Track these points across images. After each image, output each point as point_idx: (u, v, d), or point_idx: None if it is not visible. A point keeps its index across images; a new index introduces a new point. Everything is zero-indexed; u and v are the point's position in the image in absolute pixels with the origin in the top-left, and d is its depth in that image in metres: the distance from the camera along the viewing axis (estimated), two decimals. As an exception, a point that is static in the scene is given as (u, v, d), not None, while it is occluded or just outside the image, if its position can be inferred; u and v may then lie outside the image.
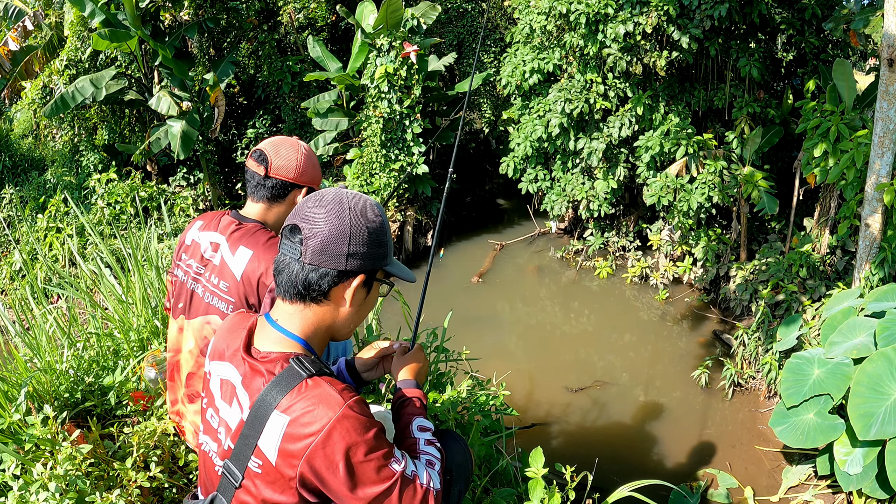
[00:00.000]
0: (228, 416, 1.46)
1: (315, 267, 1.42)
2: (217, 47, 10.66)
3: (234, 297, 2.04)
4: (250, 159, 2.13)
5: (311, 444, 1.30)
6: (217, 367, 1.53)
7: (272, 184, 2.11)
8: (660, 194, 7.23)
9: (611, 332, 7.51)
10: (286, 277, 1.44)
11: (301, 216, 1.44)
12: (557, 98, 7.97)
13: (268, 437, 1.35)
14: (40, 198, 9.58)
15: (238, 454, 1.41)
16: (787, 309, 6.12)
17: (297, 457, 1.31)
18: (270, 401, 1.35)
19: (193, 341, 2.18)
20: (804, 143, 5.92)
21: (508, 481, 2.59)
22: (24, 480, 1.92)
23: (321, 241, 1.41)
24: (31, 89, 10.34)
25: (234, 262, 2.05)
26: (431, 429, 1.61)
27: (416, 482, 1.39)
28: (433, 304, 8.82)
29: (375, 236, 1.46)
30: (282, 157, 2.10)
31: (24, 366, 2.62)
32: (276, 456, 1.34)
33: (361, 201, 1.47)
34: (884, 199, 5.05)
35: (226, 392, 1.48)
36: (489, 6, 10.95)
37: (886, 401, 3.95)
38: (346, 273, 1.44)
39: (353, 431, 1.31)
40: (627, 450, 5.41)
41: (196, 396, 2.20)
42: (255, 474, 1.38)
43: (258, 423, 1.36)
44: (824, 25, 7.07)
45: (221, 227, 2.15)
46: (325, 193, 1.47)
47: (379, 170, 8.76)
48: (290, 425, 1.32)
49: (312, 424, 1.30)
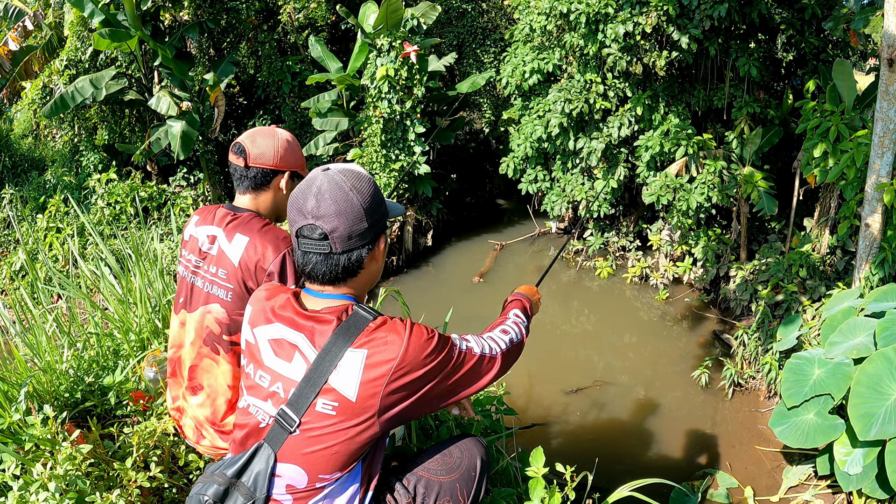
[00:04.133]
0: (288, 370, 1.54)
1: (348, 252, 1.56)
2: (217, 47, 10.66)
3: (233, 284, 2.10)
4: (231, 153, 2.21)
5: (392, 366, 1.47)
6: (263, 330, 1.61)
7: (254, 173, 2.19)
8: (659, 193, 7.23)
9: (611, 332, 7.51)
10: (322, 270, 1.57)
11: (312, 214, 1.53)
12: (557, 98, 7.97)
13: (345, 373, 1.47)
14: (40, 198, 9.58)
15: (299, 399, 1.50)
16: (787, 309, 6.12)
17: (379, 383, 1.47)
18: (342, 343, 1.49)
19: (194, 333, 2.19)
20: (804, 143, 5.92)
21: (508, 481, 2.59)
22: (24, 480, 1.92)
23: (345, 229, 1.53)
24: (31, 89, 10.35)
25: (231, 250, 2.11)
26: (524, 318, 1.95)
27: (470, 353, 1.64)
28: (433, 304, 8.87)
29: (377, 200, 1.60)
30: (258, 147, 2.17)
31: (24, 366, 2.62)
32: (358, 389, 1.47)
33: (353, 176, 1.57)
34: (884, 199, 5.05)
35: (281, 349, 1.57)
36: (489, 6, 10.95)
37: (886, 401, 3.95)
38: (373, 241, 1.60)
39: (423, 343, 1.51)
40: (627, 450, 5.40)
41: (199, 389, 2.20)
42: (322, 416, 1.49)
43: (327, 365, 1.48)
44: (824, 25, 7.06)
45: (217, 219, 2.19)
46: (319, 184, 1.54)
47: (379, 170, 8.76)
48: (369, 357, 1.47)
49: (389, 351, 1.48)
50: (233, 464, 1.56)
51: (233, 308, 2.12)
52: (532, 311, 2.08)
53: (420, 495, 1.73)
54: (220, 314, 2.13)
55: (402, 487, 1.73)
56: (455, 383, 1.61)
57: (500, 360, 1.72)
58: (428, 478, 1.74)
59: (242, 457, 1.56)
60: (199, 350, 2.18)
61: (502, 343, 1.76)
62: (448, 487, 1.75)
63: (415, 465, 1.78)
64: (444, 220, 9.89)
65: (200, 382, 2.19)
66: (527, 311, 2.02)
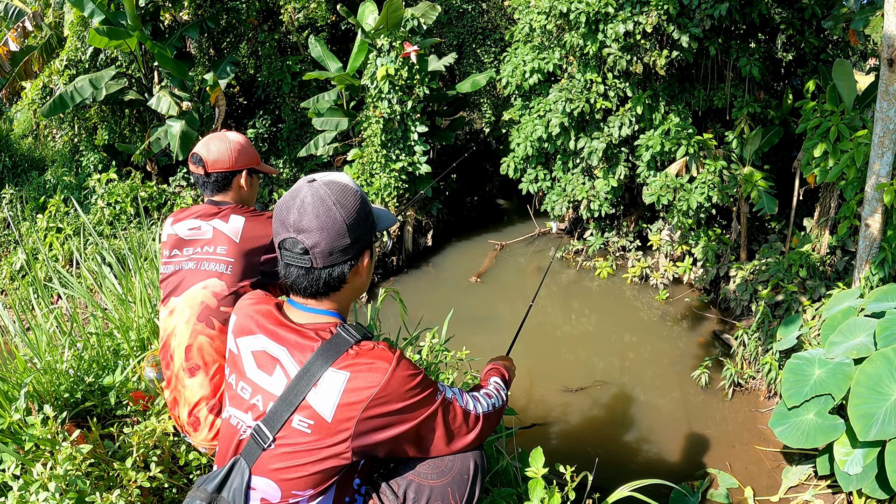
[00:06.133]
0: (268, 384, 1.53)
1: (330, 267, 1.53)
2: (217, 47, 10.66)
3: (233, 257, 2.22)
4: (190, 163, 2.38)
5: (373, 394, 1.46)
6: (247, 341, 1.61)
7: (214, 178, 2.37)
8: (659, 193, 7.23)
9: (611, 332, 7.51)
10: (304, 285, 1.55)
11: (294, 228, 1.50)
12: (558, 98, 7.96)
13: (324, 393, 1.46)
14: (40, 198, 9.58)
15: (274, 415, 1.50)
16: (787, 309, 6.12)
17: (357, 408, 1.45)
18: (323, 362, 1.47)
19: (189, 311, 2.22)
20: (804, 143, 5.92)
21: (508, 481, 2.59)
22: (24, 480, 1.92)
23: (326, 245, 1.50)
24: (31, 89, 10.34)
25: (230, 228, 2.25)
26: (503, 386, 1.91)
27: (453, 404, 1.62)
28: (433, 304, 8.84)
29: (363, 214, 1.56)
30: (213, 153, 2.35)
31: (24, 366, 2.62)
32: (335, 410, 1.45)
33: (338, 189, 1.53)
34: (884, 199, 5.05)
35: (263, 362, 1.56)
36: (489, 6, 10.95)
37: (887, 401, 3.95)
38: (356, 256, 1.57)
39: (408, 377, 1.50)
40: (627, 450, 5.40)
41: (196, 370, 2.21)
42: (297, 433, 1.47)
43: (307, 382, 1.47)
44: (824, 24, 7.06)
45: (198, 212, 2.34)
46: (303, 198, 1.51)
47: (379, 170, 8.76)
48: (351, 380, 1.46)
49: (372, 377, 1.46)
50: (213, 479, 1.59)
51: (232, 280, 2.22)
52: (510, 377, 2.05)
53: (410, 500, 1.69)
54: (218, 286, 2.21)
55: (392, 492, 1.70)
56: (431, 431, 1.59)
57: (482, 422, 1.69)
58: (418, 482, 1.70)
59: (221, 472, 1.58)
60: (193, 327, 2.21)
61: (486, 404, 1.74)
62: (439, 492, 1.70)
63: (406, 468, 1.74)
64: (444, 220, 9.89)
65: (197, 362, 2.21)
66: (505, 378, 1.99)
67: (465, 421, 1.65)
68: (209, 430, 2.22)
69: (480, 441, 1.70)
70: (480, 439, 1.69)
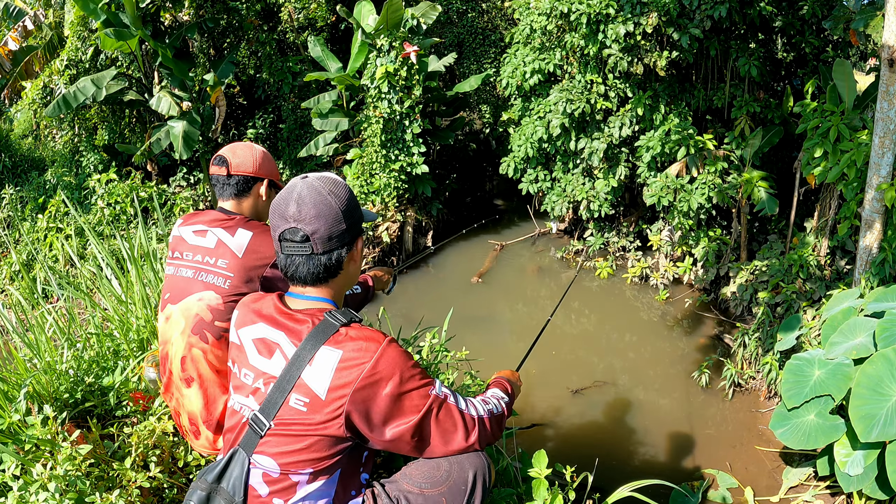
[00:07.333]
0: (268, 367, 1.61)
1: (329, 252, 1.63)
2: (217, 47, 10.65)
3: (234, 273, 2.19)
4: (212, 165, 2.35)
5: (364, 371, 1.52)
6: (249, 330, 1.69)
7: (235, 181, 2.34)
8: (660, 194, 7.23)
9: (611, 333, 7.50)
10: (305, 271, 1.64)
11: (293, 219, 1.60)
12: (559, 98, 7.96)
13: (318, 369, 1.53)
14: (40, 198, 9.58)
15: (273, 397, 1.56)
16: (788, 309, 6.12)
17: (349, 385, 1.51)
18: (316, 341, 1.55)
19: (184, 322, 2.21)
20: (804, 144, 5.91)
21: (508, 482, 2.58)
22: (24, 481, 1.92)
23: (325, 230, 1.60)
24: (32, 89, 10.34)
25: (234, 242, 2.22)
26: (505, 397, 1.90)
27: (447, 401, 1.64)
28: (433, 304, 8.82)
29: (353, 204, 1.68)
30: (239, 157, 2.35)
31: (23, 366, 2.62)
32: (328, 388, 1.51)
33: (330, 182, 1.66)
34: (884, 199, 5.05)
35: (263, 348, 1.64)
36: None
37: (887, 402, 3.95)
38: (350, 242, 1.67)
39: (399, 358, 1.56)
40: (627, 450, 5.40)
41: (191, 381, 2.21)
42: (294, 412, 1.54)
43: (303, 360, 1.54)
44: (824, 24, 7.06)
45: (206, 219, 2.30)
46: (299, 191, 1.62)
47: (379, 170, 8.75)
48: (343, 358, 1.52)
49: (364, 354, 1.53)
50: (213, 469, 1.65)
51: (228, 295, 2.19)
52: (514, 391, 2.03)
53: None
54: (214, 300, 2.18)
55: (387, 497, 1.69)
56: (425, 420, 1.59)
57: (480, 426, 1.69)
58: (408, 489, 1.70)
59: (221, 462, 1.64)
60: (188, 339, 2.20)
61: (483, 409, 1.74)
62: (434, 501, 1.69)
63: (403, 476, 1.73)
64: (444, 220, 9.89)
65: (191, 374, 2.21)
66: (507, 391, 1.98)
67: (462, 419, 1.66)
68: (209, 442, 2.23)
69: (480, 445, 1.69)
70: (480, 443, 1.69)
